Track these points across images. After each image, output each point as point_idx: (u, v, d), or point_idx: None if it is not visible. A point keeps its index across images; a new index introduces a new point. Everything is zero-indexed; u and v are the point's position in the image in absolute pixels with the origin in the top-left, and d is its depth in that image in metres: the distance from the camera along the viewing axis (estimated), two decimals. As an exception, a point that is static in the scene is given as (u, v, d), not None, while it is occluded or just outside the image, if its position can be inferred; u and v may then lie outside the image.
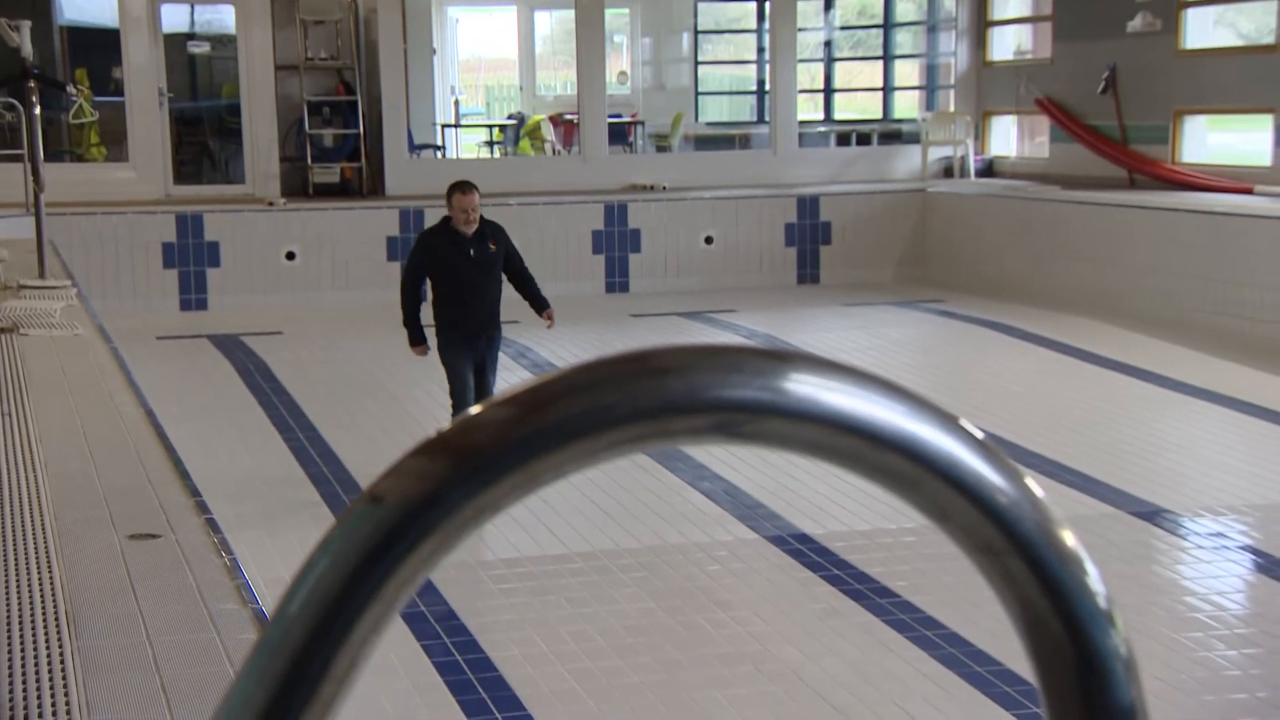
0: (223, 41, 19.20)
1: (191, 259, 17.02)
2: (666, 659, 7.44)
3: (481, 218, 9.82)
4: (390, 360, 14.24)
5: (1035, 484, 0.87)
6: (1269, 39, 15.28)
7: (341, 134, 18.74)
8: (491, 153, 23.40)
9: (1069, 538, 0.88)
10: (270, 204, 17.73)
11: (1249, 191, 15.03)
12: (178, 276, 16.97)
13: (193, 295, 17.01)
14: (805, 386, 0.82)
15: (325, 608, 0.80)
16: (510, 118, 24.04)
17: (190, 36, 19.44)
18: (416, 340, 10.12)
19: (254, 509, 9.21)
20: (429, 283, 10.00)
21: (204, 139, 19.56)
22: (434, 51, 21.89)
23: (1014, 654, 6.81)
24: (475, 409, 0.83)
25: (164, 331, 15.79)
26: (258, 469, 10.59)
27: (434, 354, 10.07)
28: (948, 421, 0.85)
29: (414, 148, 19.64)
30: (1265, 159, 15.42)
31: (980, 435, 0.86)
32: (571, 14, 19.74)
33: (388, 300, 17.31)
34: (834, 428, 0.83)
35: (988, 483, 0.85)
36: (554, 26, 25.32)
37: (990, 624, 7.62)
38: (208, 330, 15.90)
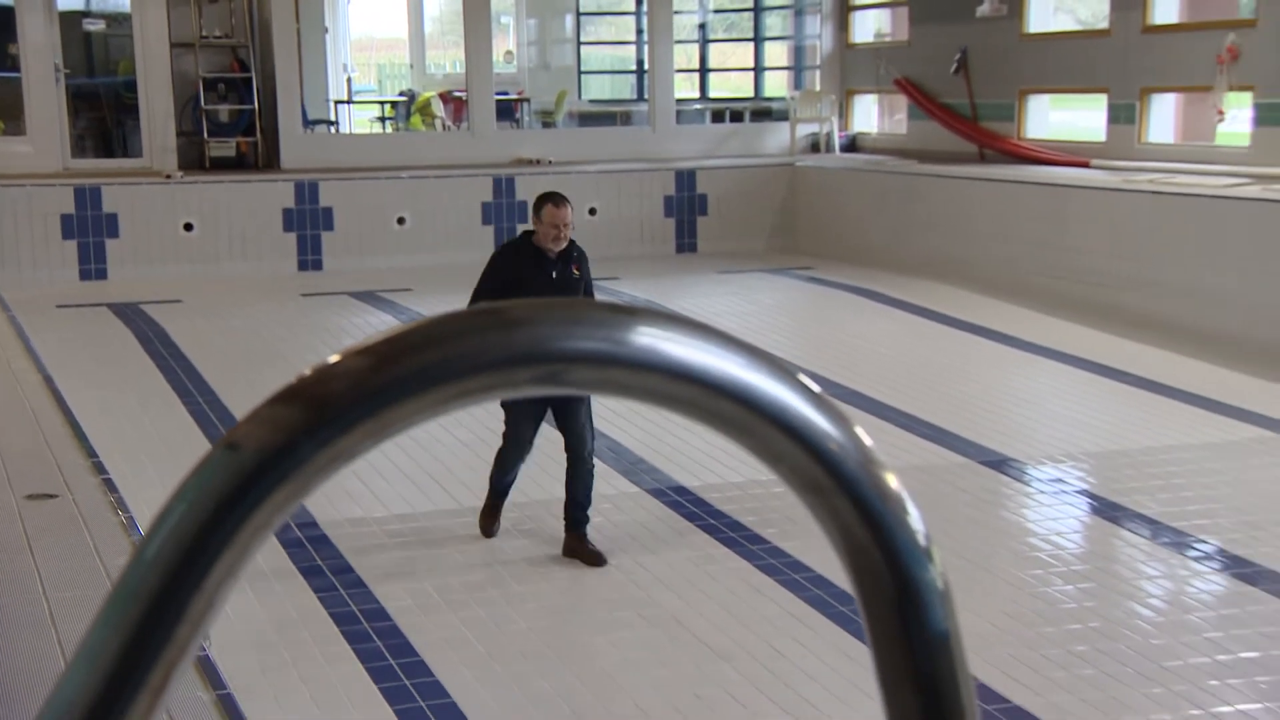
0: (118, 19, 18.89)
1: (90, 230, 16.73)
2: (553, 606, 7.46)
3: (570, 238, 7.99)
4: (287, 327, 14.12)
5: (861, 429, 0.87)
6: (1103, 24, 15.51)
7: (237, 109, 18.50)
8: (384, 128, 23.23)
9: (891, 479, 0.89)
10: (168, 177, 17.42)
11: (1086, 165, 15.27)
12: (77, 247, 16.66)
13: (92, 265, 16.72)
14: (644, 338, 0.82)
15: (181, 553, 0.78)
16: (401, 95, 23.91)
17: (86, 14, 19.12)
18: None
19: (152, 470, 9.04)
20: None
21: (101, 114, 19.19)
22: (326, 30, 21.66)
23: None
24: (333, 358, 0.81)
25: (64, 300, 15.55)
26: (157, 432, 10.42)
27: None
28: (779, 371, 0.86)
29: (308, 123, 19.42)
30: (1100, 134, 15.68)
31: (813, 385, 0.86)
32: (458, -2, 19.63)
33: (284, 270, 17.28)
34: (670, 376, 0.83)
35: (815, 428, 0.85)
36: (443, 7, 25.17)
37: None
38: (108, 299, 15.62)
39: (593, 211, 18.58)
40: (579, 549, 7.63)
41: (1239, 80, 13.71)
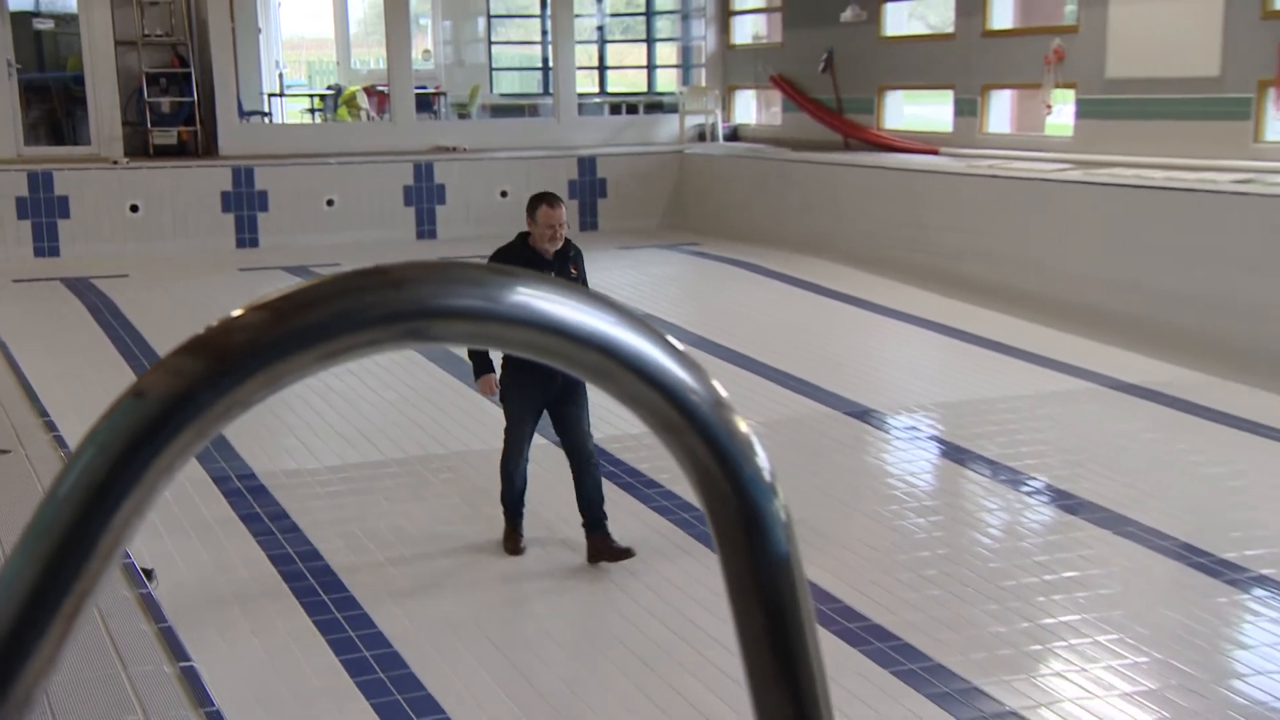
0: (66, 19, 18.57)
1: (43, 211, 16.49)
2: (470, 544, 7.45)
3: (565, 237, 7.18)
4: (225, 298, 13.92)
5: (712, 376, 0.87)
6: (949, 29, 15.67)
7: (178, 101, 18.21)
8: (313, 119, 22.98)
9: (740, 421, 0.89)
10: (115, 163, 17.19)
11: (935, 152, 15.42)
12: (31, 227, 16.42)
13: (45, 243, 16.46)
14: (516, 295, 0.82)
15: (91, 492, 0.77)
16: (329, 88, 23.69)
17: (36, 14, 18.78)
18: (483, 370, 7.10)
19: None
20: None
21: (52, 106, 18.85)
22: (259, 30, 21.33)
23: None
24: (235, 312, 0.80)
25: (19, 275, 15.33)
26: (105, 394, 9.95)
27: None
28: (638, 325, 0.86)
29: (243, 114, 19.18)
30: (948, 126, 15.83)
31: (669, 338, 0.86)
32: (381, -1, 19.50)
33: (222, 247, 17.11)
34: (539, 329, 0.83)
35: (669, 373, 0.86)
36: (366, 10, 24.87)
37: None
38: (60, 274, 15.40)
39: (504, 194, 18.58)
40: (604, 549, 6.82)
41: (1063, 78, 13.93)
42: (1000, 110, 15.31)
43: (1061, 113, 14.15)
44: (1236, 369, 10.38)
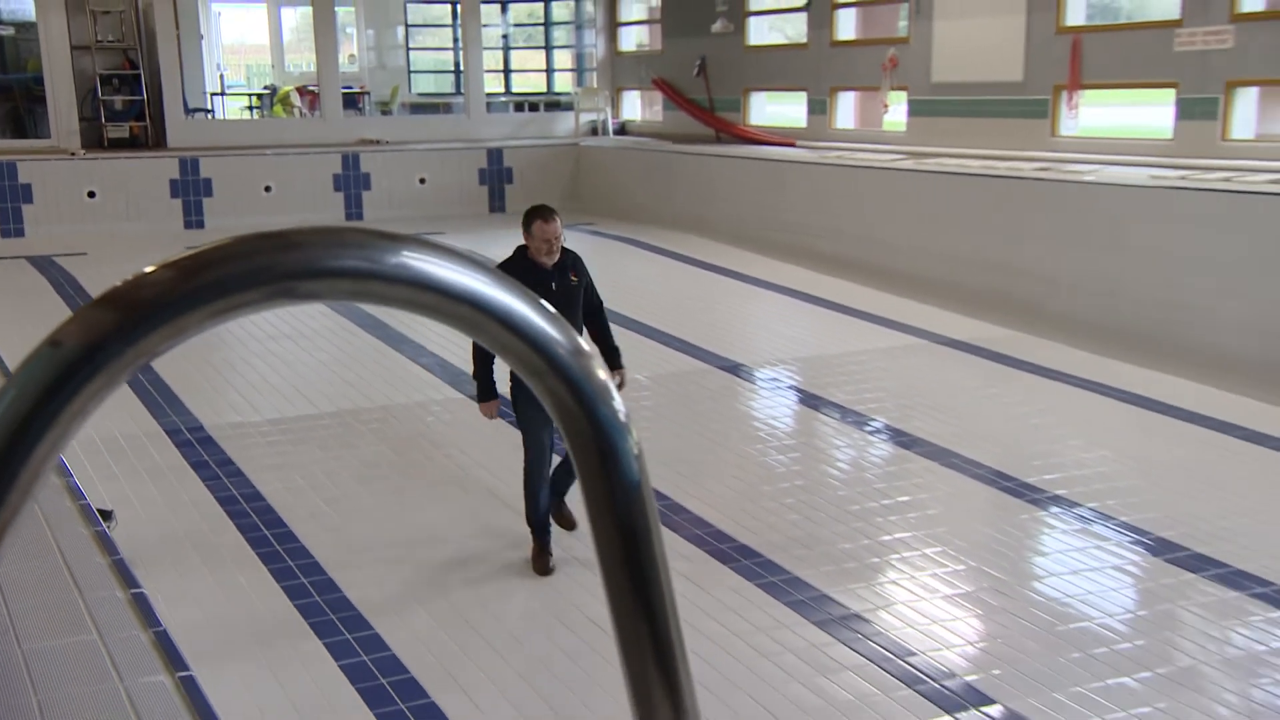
0: (25, 27, 18.09)
1: (8, 197, 16.10)
2: (395, 486, 7.42)
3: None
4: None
5: (572, 330, 0.88)
6: (803, 39, 15.74)
7: (129, 99, 17.80)
8: (252, 115, 22.55)
9: (599, 368, 0.91)
10: (73, 154, 16.80)
11: (793, 144, 15.49)
12: (-2, 211, 16.12)
13: (11, 225, 16.08)
14: (397, 257, 0.83)
15: (10, 433, 0.76)
16: (266, 88, 23.28)
17: (-1, 22, 18.35)
18: (486, 395, 6.13)
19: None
20: None
21: (15, 103, 18.41)
22: (201, 37, 20.89)
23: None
24: (147, 269, 0.79)
25: (-13, 254, 15.01)
26: None
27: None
28: (507, 283, 0.87)
29: (189, 110, 18.78)
30: (802, 122, 15.90)
31: (534, 296, 0.87)
32: (310, 10, 19.14)
33: (171, 228, 16.80)
34: (418, 287, 0.84)
35: (534, 325, 0.87)
36: (298, 19, 24.37)
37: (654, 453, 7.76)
38: (25, 253, 15.01)
39: (422, 180, 18.56)
40: (556, 514, 6.20)
41: (897, 82, 14.07)
42: (846, 109, 15.42)
43: (896, 111, 14.30)
44: (1039, 326, 10.63)
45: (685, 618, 3.98)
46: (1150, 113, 11.59)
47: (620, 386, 5.92)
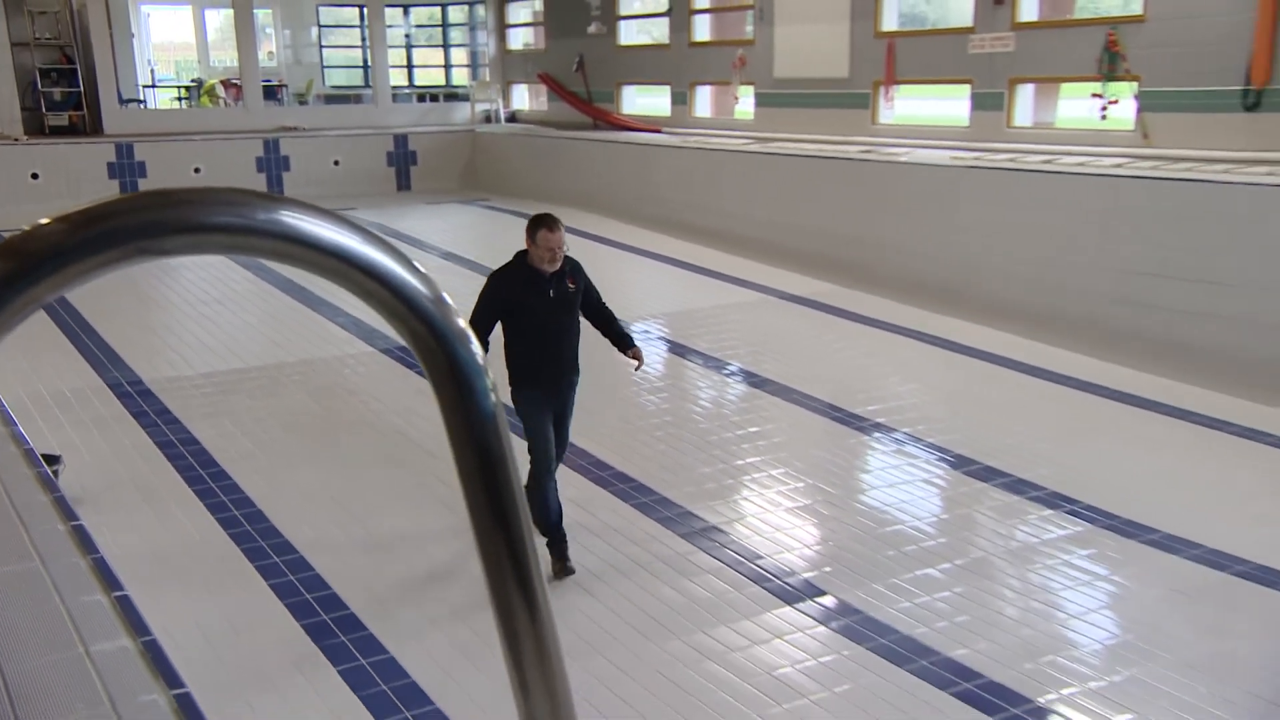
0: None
1: (-43, 179, 15.37)
2: (315, 429, 7.30)
3: None
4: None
5: (433, 281, 0.87)
6: (666, 40, 15.68)
7: (67, 91, 16.97)
8: (181, 105, 21.70)
9: (458, 316, 0.90)
10: (16, 140, 16.05)
11: (659, 131, 15.46)
12: (-54, 191, 15.32)
13: (-41, 204, 15.30)
14: (270, 214, 0.81)
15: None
16: (193, 81, 22.42)
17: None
18: None
19: (13, 360, 8.41)
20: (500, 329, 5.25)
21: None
22: (133, 35, 20.00)
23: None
24: (41, 220, 0.76)
25: (-63, 232, 14.21)
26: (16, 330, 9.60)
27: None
28: (370, 237, 0.85)
29: (122, 101, 17.99)
30: (667, 111, 15.85)
31: (398, 247, 0.86)
32: (231, 11, 18.48)
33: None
34: (288, 240, 0.82)
35: (395, 274, 0.86)
36: (221, 20, 23.47)
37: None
38: (-24, 230, 14.30)
39: (336, 163, 18.17)
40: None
41: (746, 78, 14.11)
42: (703, 100, 15.43)
43: (745, 102, 14.35)
44: (863, 283, 10.81)
45: (573, 536, 4.06)
46: (950, 105, 11.81)
47: (639, 363, 5.65)
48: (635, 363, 5.62)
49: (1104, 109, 9.99)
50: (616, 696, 4.23)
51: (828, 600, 4.93)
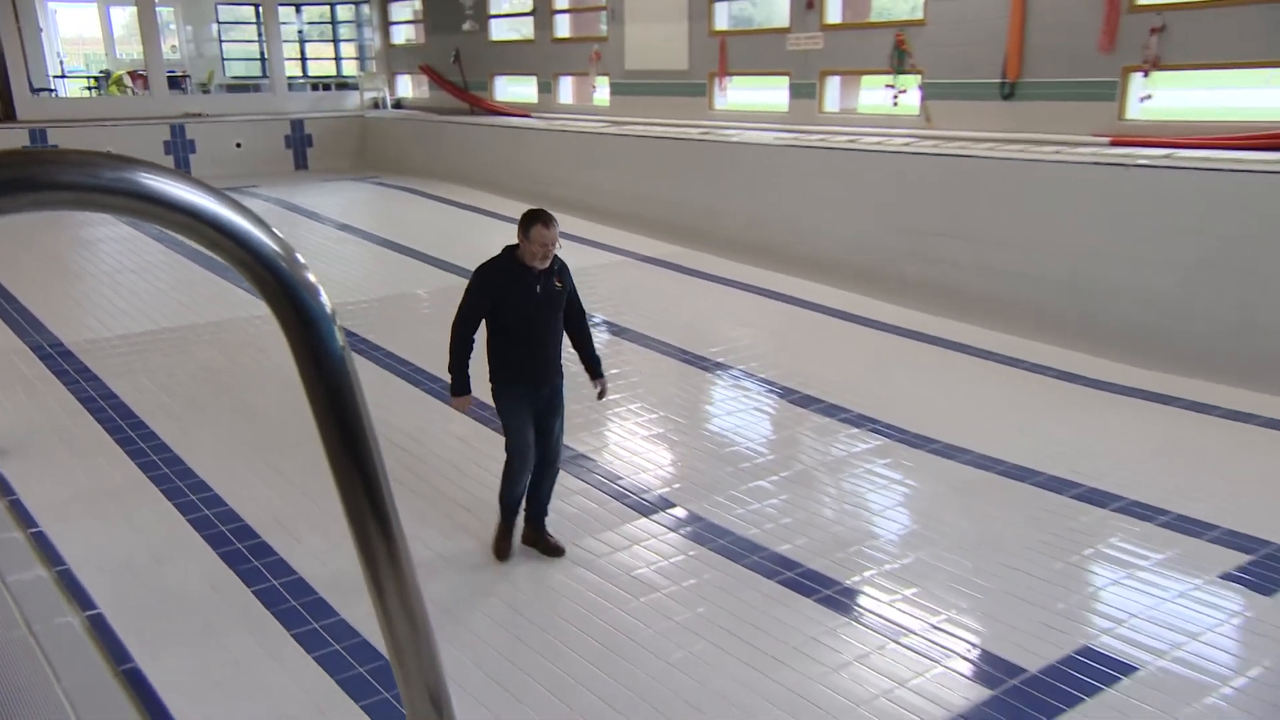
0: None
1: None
2: (226, 383, 7.00)
3: None
4: (27, 227, 12.25)
5: (280, 235, 0.83)
6: (532, 36, 15.36)
7: (-21, 81, 15.80)
8: (91, 94, 20.29)
9: (306, 269, 0.85)
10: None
11: (527, 115, 15.21)
12: None
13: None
14: (121, 173, 0.75)
15: None
16: (101, 72, 20.96)
17: None
18: (461, 389, 4.50)
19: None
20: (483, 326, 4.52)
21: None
22: (41, 30, 18.54)
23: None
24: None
25: None
26: None
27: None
28: (221, 196, 0.81)
29: (34, 90, 16.74)
30: (534, 99, 15.58)
31: (244, 203, 0.82)
32: (135, 9, 17.32)
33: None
34: (136, 197, 0.77)
35: (245, 230, 0.81)
36: (127, 17, 21.96)
37: (421, 345, 7.57)
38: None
39: (239, 145, 17.35)
40: (539, 541, 4.59)
41: (602, 70, 13.98)
42: (566, 89, 15.23)
43: (601, 91, 14.22)
44: (705, 245, 10.93)
45: (460, 469, 3.96)
46: (773, 93, 11.93)
47: (601, 395, 4.72)
48: (599, 391, 4.71)
49: (895, 97, 10.24)
50: (501, 601, 4.22)
51: (677, 511, 5.01)
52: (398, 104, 19.07)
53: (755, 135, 10.93)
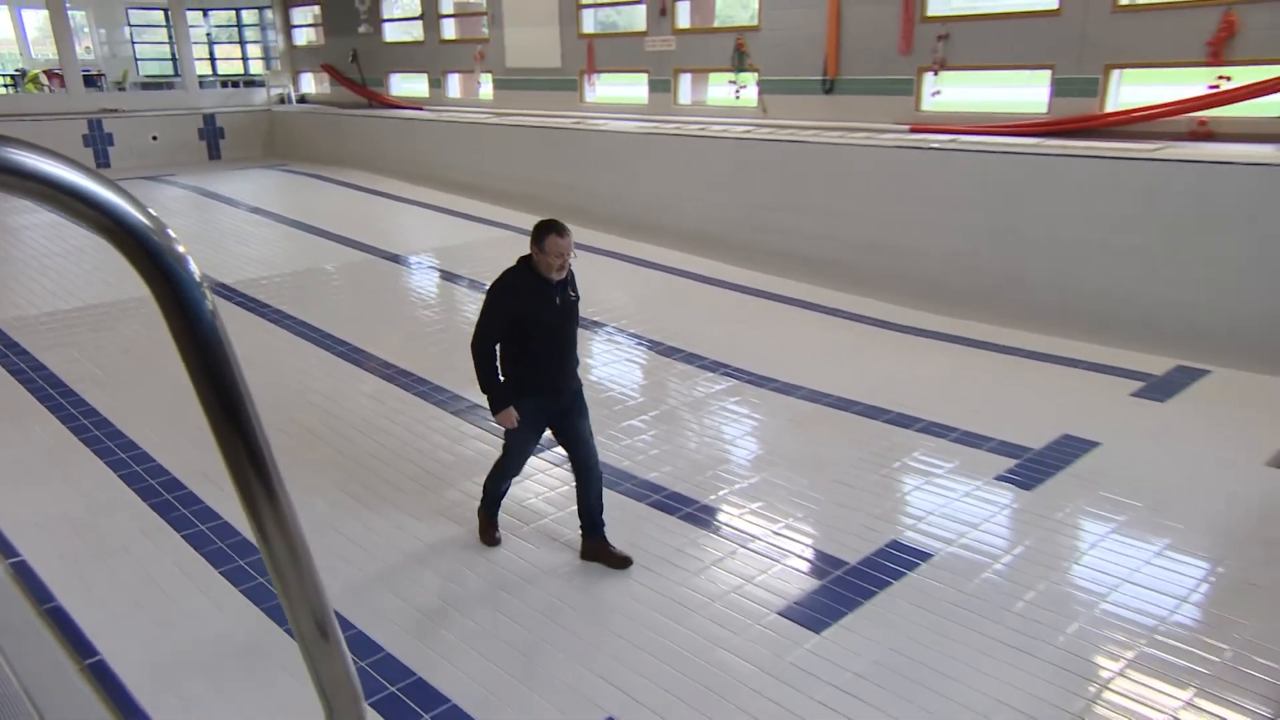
0: None
1: None
2: (150, 354, 6.56)
3: None
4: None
5: (141, 203, 0.75)
6: (422, 39, 14.74)
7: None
8: (8, 91, 18.47)
9: (175, 240, 0.78)
10: None
11: (420, 108, 14.63)
12: None
13: None
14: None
15: None
16: (17, 71, 19.09)
17: None
18: (504, 402, 3.63)
19: None
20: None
21: None
22: (-45, 31, 16.80)
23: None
24: None
25: None
26: None
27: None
28: (83, 169, 0.72)
29: (-50, 88, 15.15)
30: (426, 94, 15.00)
31: (109, 178, 0.73)
32: (46, 12, 15.79)
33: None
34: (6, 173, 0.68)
35: (101, 196, 0.73)
36: (41, 20, 19.99)
37: (331, 314, 7.24)
38: None
39: (155, 138, 16.13)
40: (602, 552, 3.83)
41: (485, 67, 13.56)
42: (454, 85, 14.71)
43: (486, 86, 13.81)
44: (579, 220, 10.74)
45: (371, 423, 3.76)
46: (634, 89, 11.83)
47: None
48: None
49: (737, 92, 10.29)
50: (407, 534, 4.13)
51: (562, 450, 4.97)
52: (302, 99, 18.07)
53: (620, 124, 10.83)
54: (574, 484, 3.90)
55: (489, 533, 4.01)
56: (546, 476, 4.66)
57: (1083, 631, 3.31)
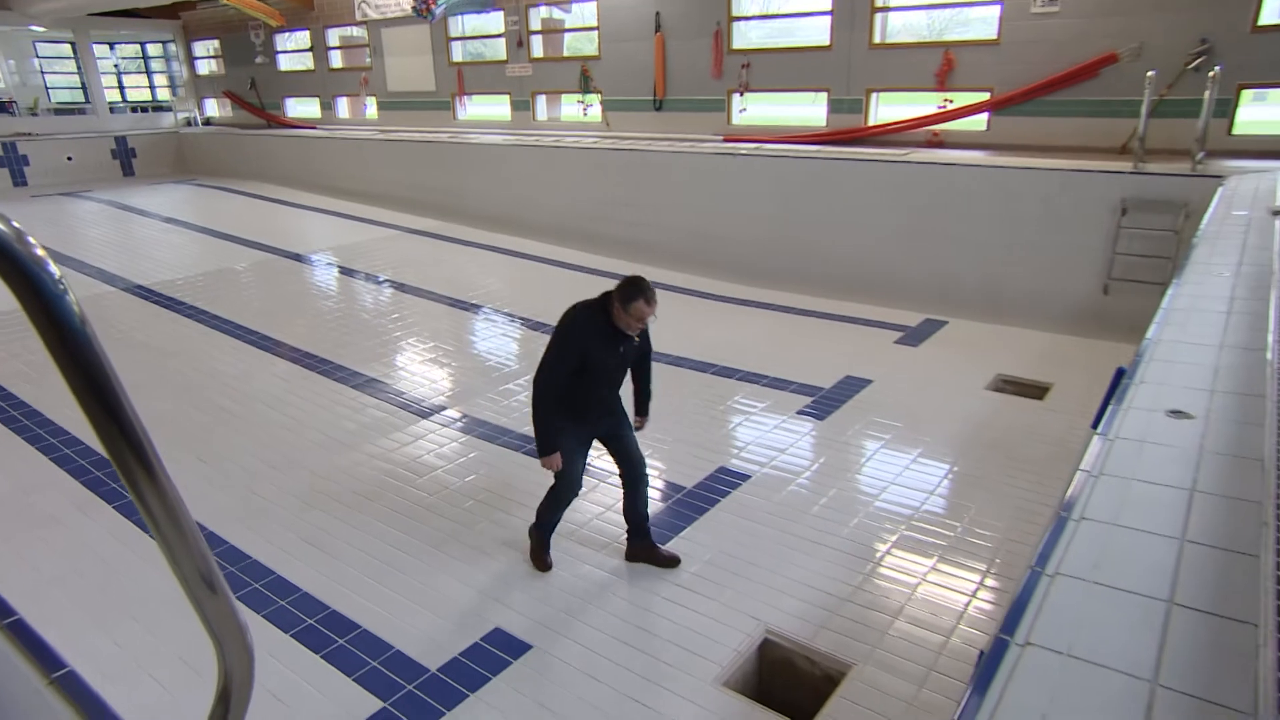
0: None
1: None
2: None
3: None
4: None
5: (12, 219, 0.65)
6: (312, 67, 13.64)
7: None
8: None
9: (36, 247, 0.68)
10: None
11: (314, 127, 13.60)
12: None
13: None
14: None
15: None
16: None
17: None
18: (552, 447, 2.89)
19: None
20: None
21: None
22: None
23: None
24: None
25: None
26: None
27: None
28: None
29: None
30: (318, 114, 13.94)
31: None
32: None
33: None
34: None
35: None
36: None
37: (242, 308, 6.67)
38: None
39: (70, 158, 14.34)
40: (651, 556, 3.25)
41: (370, 91, 12.73)
42: (342, 107, 13.74)
43: (371, 108, 12.99)
44: (457, 219, 10.38)
45: (281, 399, 3.50)
46: (499, 108, 11.45)
47: (640, 428, 3.25)
48: (637, 425, 3.27)
49: (584, 109, 10.15)
50: (318, 492, 3.93)
51: (450, 412, 4.85)
52: (207, 121, 16.43)
53: (488, 138, 10.48)
54: (621, 491, 3.28)
55: (541, 557, 3.24)
56: (437, 436, 4.53)
57: (862, 524, 3.53)
